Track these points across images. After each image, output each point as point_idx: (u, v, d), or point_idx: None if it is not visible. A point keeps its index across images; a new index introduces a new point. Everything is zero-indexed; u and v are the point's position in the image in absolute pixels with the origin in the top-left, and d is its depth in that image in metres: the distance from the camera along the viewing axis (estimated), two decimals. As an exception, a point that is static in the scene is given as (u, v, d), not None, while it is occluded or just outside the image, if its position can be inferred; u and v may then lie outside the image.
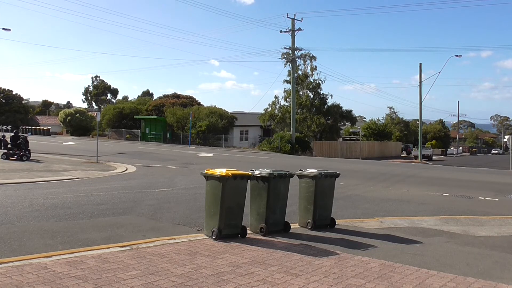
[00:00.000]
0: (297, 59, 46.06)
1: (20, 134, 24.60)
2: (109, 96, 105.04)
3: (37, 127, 72.32)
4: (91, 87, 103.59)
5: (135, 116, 59.81)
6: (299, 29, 42.68)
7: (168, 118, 55.31)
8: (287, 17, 42.34)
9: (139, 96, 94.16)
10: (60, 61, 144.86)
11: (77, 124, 69.55)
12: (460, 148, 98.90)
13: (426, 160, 49.83)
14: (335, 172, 8.99)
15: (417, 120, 52.85)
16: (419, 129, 48.51)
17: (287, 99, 50.31)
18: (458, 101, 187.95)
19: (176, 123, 54.01)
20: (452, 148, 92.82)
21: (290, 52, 44.17)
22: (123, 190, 12.72)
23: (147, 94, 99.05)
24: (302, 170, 8.90)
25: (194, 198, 11.68)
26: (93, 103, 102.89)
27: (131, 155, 28.45)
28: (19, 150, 21.61)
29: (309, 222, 8.50)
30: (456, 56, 52.28)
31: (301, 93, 52.39)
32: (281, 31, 43.17)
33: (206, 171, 7.40)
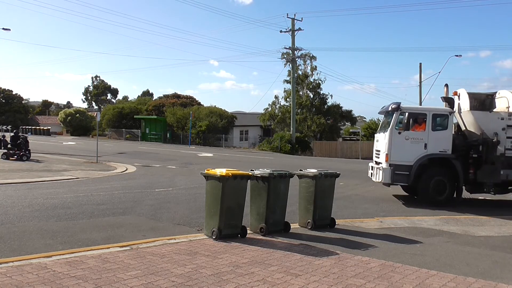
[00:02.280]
0: (297, 59, 46.00)
1: (20, 134, 24.61)
2: (109, 96, 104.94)
3: (37, 127, 72.26)
4: (91, 87, 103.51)
5: (135, 116, 59.78)
6: (299, 29, 42.65)
7: (168, 118, 55.28)
8: (287, 17, 42.30)
9: (139, 96, 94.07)
10: (60, 61, 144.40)
11: (77, 124, 69.52)
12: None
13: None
14: (335, 172, 8.99)
15: (417, 120, 52.67)
16: (419, 129, 48.35)
17: (287, 99, 50.27)
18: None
19: (176, 123, 53.98)
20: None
21: (290, 52, 44.15)
22: (123, 190, 12.72)
23: (147, 94, 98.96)
24: (302, 170, 8.90)
25: (194, 198, 11.68)
26: (93, 103, 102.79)
27: (131, 155, 28.45)
28: (19, 150, 21.61)
29: (309, 222, 8.51)
30: (456, 56, 52.37)
31: (301, 93, 52.36)
32: (281, 31, 43.14)
33: (206, 171, 7.40)
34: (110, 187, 13.48)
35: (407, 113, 12.23)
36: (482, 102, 12.47)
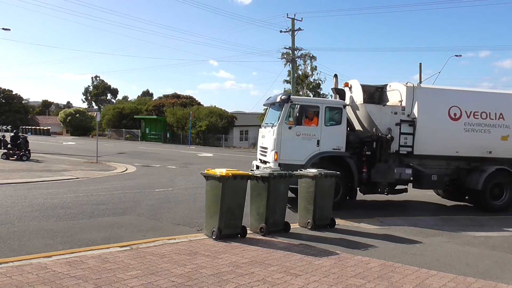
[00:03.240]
0: (297, 59, 45.92)
1: (20, 134, 24.58)
2: (109, 96, 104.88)
3: (37, 127, 72.24)
4: (91, 87, 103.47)
5: (135, 116, 59.81)
6: (299, 29, 42.59)
7: (168, 118, 55.30)
8: (287, 17, 42.24)
9: (139, 96, 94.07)
10: (59, 61, 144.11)
11: (77, 124, 69.52)
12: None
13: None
14: (335, 172, 8.99)
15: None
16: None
17: (287, 99, 50.27)
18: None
19: (176, 123, 54.00)
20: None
21: (290, 52, 44.12)
22: (123, 190, 12.72)
23: (147, 94, 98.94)
24: (302, 170, 8.90)
25: (194, 198, 11.68)
26: (93, 103, 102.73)
27: (131, 155, 28.44)
28: (19, 150, 21.60)
29: (309, 222, 8.50)
30: (456, 56, 52.14)
31: (301, 93, 52.30)
32: (281, 31, 43.10)
33: (206, 171, 7.40)
34: (110, 187, 13.48)
35: (298, 106, 10.62)
36: (371, 95, 11.80)
